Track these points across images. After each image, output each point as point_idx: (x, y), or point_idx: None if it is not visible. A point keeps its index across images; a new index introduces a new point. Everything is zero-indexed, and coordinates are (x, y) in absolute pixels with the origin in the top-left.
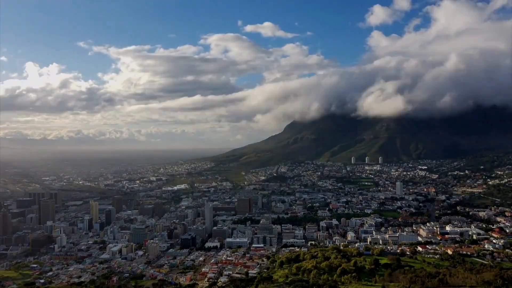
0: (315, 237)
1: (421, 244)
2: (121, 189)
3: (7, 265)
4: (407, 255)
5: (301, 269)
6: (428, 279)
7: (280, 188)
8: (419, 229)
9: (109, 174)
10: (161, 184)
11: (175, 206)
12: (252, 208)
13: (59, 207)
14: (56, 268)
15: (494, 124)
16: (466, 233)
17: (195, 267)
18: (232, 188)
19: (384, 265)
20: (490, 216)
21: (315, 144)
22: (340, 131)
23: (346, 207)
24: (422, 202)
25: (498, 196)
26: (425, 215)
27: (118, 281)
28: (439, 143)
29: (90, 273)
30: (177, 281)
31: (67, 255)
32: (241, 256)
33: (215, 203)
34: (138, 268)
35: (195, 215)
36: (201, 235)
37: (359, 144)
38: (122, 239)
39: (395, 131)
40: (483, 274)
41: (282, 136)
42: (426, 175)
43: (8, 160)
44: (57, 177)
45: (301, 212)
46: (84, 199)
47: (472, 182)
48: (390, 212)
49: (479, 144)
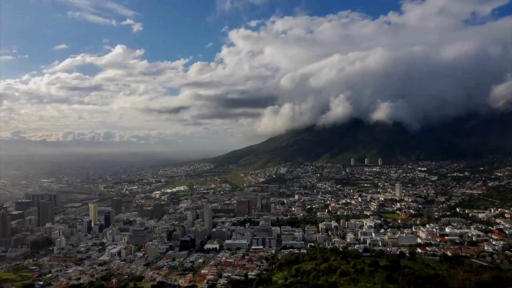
0: (314, 239)
1: (420, 245)
2: (120, 191)
3: (6, 267)
4: (407, 256)
5: (300, 271)
6: (428, 280)
7: (279, 190)
8: (418, 230)
9: (108, 176)
10: (160, 186)
11: (174, 208)
12: (251, 209)
13: (58, 209)
14: (55, 270)
15: (494, 125)
16: (466, 234)
17: (194, 269)
18: (231, 189)
19: (383, 267)
20: (490, 217)
21: (314, 145)
22: (340, 133)
23: (346, 208)
24: (422, 203)
25: (497, 197)
26: (424, 216)
27: (117, 283)
28: (439, 144)
29: (89, 275)
30: (177, 283)
31: (66, 257)
32: (240, 258)
33: (214, 204)
34: (137, 270)
35: (194, 217)
36: (200, 237)
37: (359, 145)
38: (121, 241)
39: (395, 132)
40: (482, 276)
41: (281, 137)
42: (426, 177)
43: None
44: (56, 179)
45: (300, 213)
46: (83, 201)
47: (471, 184)
48: (390, 213)
49: (479, 145)
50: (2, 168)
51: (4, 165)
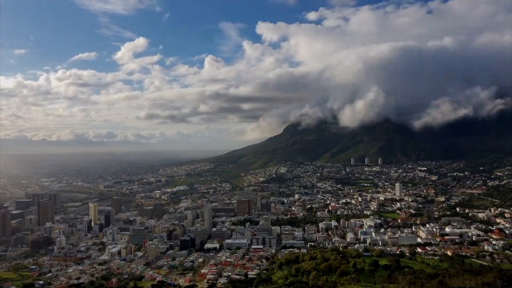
0: (314, 239)
1: (420, 245)
2: (120, 190)
3: (6, 267)
4: (407, 256)
5: (300, 271)
6: (428, 280)
7: (279, 189)
8: (418, 230)
9: (108, 176)
10: (160, 185)
11: (174, 207)
12: (252, 209)
13: (58, 208)
14: (55, 269)
15: (494, 125)
16: (466, 234)
17: (195, 268)
18: (232, 189)
19: (383, 267)
20: (490, 217)
21: (315, 145)
22: (340, 132)
23: (346, 208)
24: (422, 203)
25: (497, 197)
26: (424, 216)
27: (117, 282)
28: (439, 144)
29: (89, 274)
30: (177, 283)
31: (66, 257)
32: (240, 258)
33: (214, 204)
34: (137, 270)
35: (194, 217)
36: (201, 236)
37: (359, 145)
38: (121, 240)
39: (395, 132)
40: (482, 276)
41: (281, 137)
42: (426, 176)
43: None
44: (56, 178)
45: (300, 213)
46: (83, 201)
47: (471, 183)
48: (390, 213)
49: (479, 145)
50: (3, 167)
51: (4, 164)
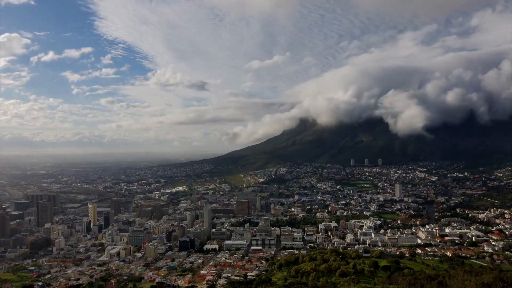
0: (314, 240)
1: (420, 246)
2: (120, 191)
3: (5, 268)
4: (406, 257)
5: (300, 272)
6: (427, 281)
7: (279, 190)
8: (418, 231)
9: (107, 177)
10: (159, 186)
11: (174, 208)
12: (251, 210)
13: (57, 209)
14: (54, 270)
15: (494, 126)
16: (466, 235)
17: (194, 269)
18: (231, 190)
19: (383, 268)
20: (490, 218)
21: (314, 146)
22: (339, 133)
23: (345, 209)
24: (421, 204)
25: (497, 198)
26: (424, 217)
27: (116, 283)
28: (438, 145)
29: (88, 275)
30: (176, 284)
31: (65, 258)
32: (239, 259)
33: (214, 205)
34: (137, 271)
35: (194, 218)
36: (200, 238)
37: (358, 146)
38: (121, 241)
39: (395, 131)
40: (482, 276)
41: (281, 138)
42: (426, 177)
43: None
44: (55, 179)
45: (300, 214)
46: (82, 202)
47: (471, 184)
48: (389, 214)
49: (479, 146)
50: (2, 168)
51: (3, 165)
